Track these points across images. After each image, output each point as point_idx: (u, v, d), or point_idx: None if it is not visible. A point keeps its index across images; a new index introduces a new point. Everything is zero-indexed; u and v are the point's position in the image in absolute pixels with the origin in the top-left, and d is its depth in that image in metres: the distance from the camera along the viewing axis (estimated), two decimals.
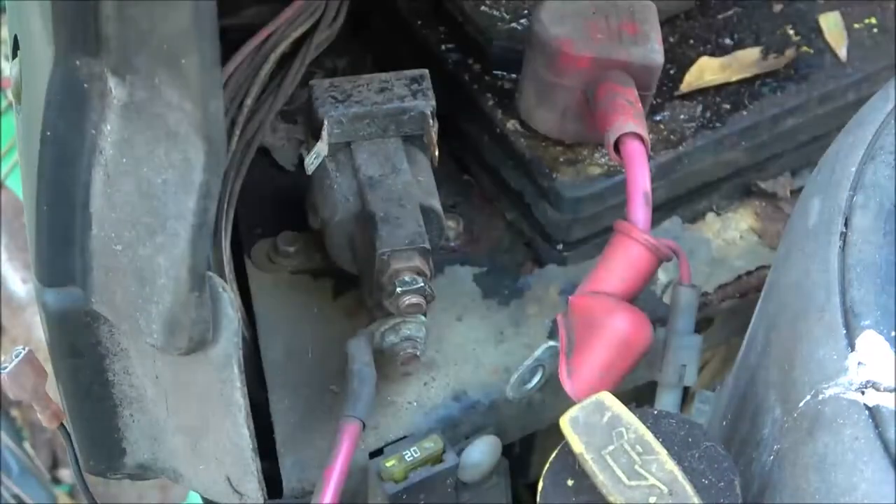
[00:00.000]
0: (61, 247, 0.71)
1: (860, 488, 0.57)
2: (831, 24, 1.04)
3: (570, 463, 0.62)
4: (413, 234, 0.85)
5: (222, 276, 0.83)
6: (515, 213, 0.99)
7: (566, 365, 0.81)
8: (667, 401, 0.82)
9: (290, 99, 0.98)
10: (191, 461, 0.81)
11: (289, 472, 0.86)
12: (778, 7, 1.06)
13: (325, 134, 0.88)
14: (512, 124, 0.96)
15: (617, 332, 0.80)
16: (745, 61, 1.01)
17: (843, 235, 0.64)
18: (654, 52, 0.91)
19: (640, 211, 0.82)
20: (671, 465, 0.60)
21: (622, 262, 0.82)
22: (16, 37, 0.75)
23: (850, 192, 0.65)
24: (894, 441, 0.56)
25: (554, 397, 0.88)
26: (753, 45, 1.02)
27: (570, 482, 0.62)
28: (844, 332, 0.60)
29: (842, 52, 1.03)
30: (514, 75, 0.97)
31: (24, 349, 0.81)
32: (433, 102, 0.90)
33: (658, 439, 0.61)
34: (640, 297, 0.84)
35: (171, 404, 0.78)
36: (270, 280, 0.95)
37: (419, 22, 1.03)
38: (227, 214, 0.89)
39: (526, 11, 0.99)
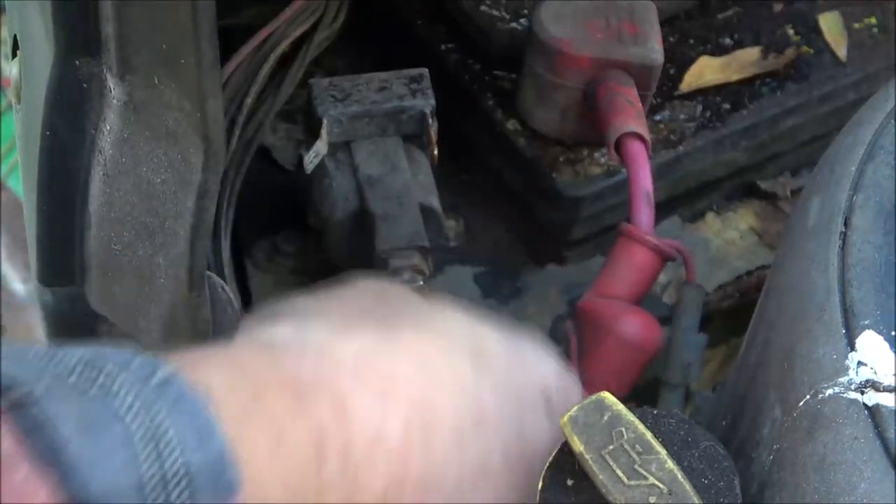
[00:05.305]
0: (61, 247, 0.71)
1: (860, 488, 0.57)
2: (831, 24, 1.04)
3: (570, 463, 0.62)
4: (412, 232, 0.85)
5: (222, 276, 0.83)
6: (515, 213, 0.99)
7: (577, 370, 0.81)
8: (671, 399, 0.82)
9: (290, 99, 0.98)
10: None
11: None
12: (778, 7, 1.05)
13: (324, 133, 0.88)
14: (512, 124, 0.96)
15: (627, 335, 0.80)
16: (745, 61, 1.01)
17: (843, 235, 0.64)
18: (653, 51, 0.91)
19: (643, 212, 0.82)
20: (671, 464, 0.60)
21: (627, 265, 0.82)
22: (16, 37, 0.75)
23: (849, 192, 0.65)
24: (894, 441, 0.56)
25: None
26: (753, 45, 1.02)
27: (569, 482, 0.62)
28: (844, 331, 0.60)
29: (842, 52, 1.02)
30: (514, 75, 0.97)
31: None
32: (433, 102, 0.90)
33: (658, 439, 0.61)
34: None
35: None
36: (270, 280, 0.95)
37: (419, 22, 1.03)
38: (227, 214, 0.89)
39: (526, 11, 0.99)
